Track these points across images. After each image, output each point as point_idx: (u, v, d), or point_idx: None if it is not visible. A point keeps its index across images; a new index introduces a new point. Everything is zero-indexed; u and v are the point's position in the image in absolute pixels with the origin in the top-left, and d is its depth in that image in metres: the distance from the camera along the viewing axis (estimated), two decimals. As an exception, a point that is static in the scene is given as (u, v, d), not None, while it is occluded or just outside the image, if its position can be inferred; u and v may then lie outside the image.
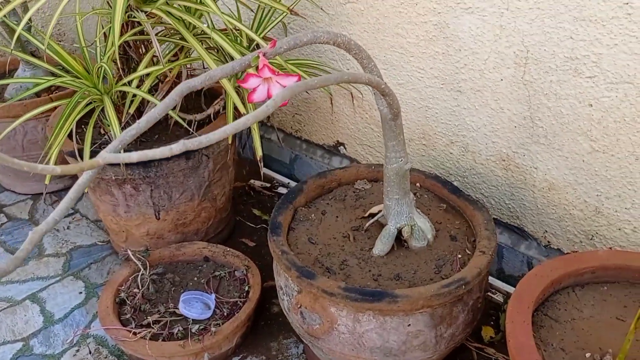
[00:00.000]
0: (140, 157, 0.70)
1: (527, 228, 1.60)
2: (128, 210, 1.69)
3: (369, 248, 1.35)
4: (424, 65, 1.61)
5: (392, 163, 1.24)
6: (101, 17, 1.49)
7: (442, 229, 1.40)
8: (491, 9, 1.39)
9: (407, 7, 1.56)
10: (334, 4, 1.74)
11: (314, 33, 1.00)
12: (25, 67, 2.14)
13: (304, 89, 0.86)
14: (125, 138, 0.88)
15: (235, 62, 0.94)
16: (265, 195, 2.20)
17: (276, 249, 1.27)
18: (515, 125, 1.48)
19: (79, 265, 1.88)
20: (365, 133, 1.90)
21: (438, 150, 1.70)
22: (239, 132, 1.59)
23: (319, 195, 1.53)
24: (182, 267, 1.69)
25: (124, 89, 1.46)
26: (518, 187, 1.56)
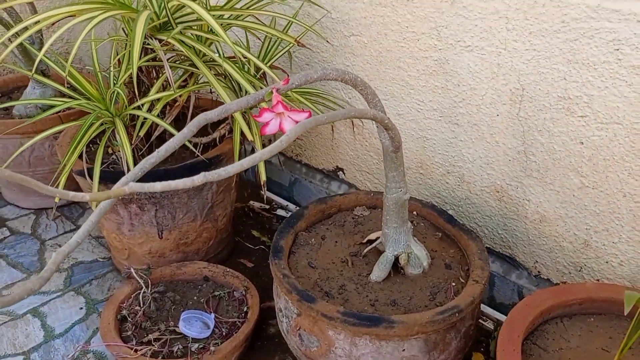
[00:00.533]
0: (164, 188, 0.75)
1: (518, 258, 1.66)
2: (132, 228, 1.73)
3: (366, 274, 1.40)
4: (423, 98, 1.67)
5: (392, 193, 1.29)
6: (116, 44, 1.55)
7: (437, 257, 1.45)
8: (489, 48, 1.46)
9: (409, 42, 1.63)
10: (338, 36, 1.81)
11: (324, 70, 1.06)
12: (35, 85, 2.19)
13: (314, 125, 0.92)
14: (146, 166, 0.94)
15: (250, 97, 0.99)
16: (264, 216, 2.25)
17: (278, 272, 1.32)
18: (510, 158, 1.55)
19: (80, 281, 1.91)
20: (365, 160, 1.95)
21: (435, 180, 1.76)
22: (242, 155, 1.64)
23: (319, 220, 1.58)
24: (183, 286, 1.73)
25: (136, 113, 1.51)
26: (511, 218, 1.62)
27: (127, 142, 1.44)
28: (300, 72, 2.01)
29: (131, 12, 1.41)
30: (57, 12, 1.41)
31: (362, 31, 1.74)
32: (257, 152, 0.80)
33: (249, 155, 0.80)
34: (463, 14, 1.48)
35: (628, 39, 1.22)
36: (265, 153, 0.82)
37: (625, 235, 1.40)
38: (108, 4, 1.43)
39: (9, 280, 1.92)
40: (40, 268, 1.97)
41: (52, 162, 2.16)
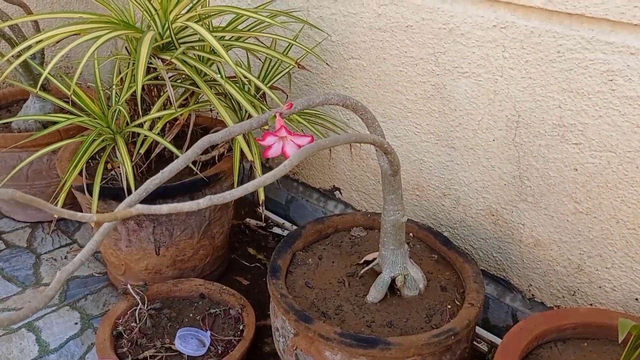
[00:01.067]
0: (170, 210, 0.77)
1: (512, 281, 1.68)
2: (129, 244, 1.74)
3: (363, 294, 1.41)
4: (420, 121, 1.70)
5: (390, 215, 1.31)
6: (119, 62, 1.57)
7: (433, 279, 1.46)
8: (486, 74, 1.49)
9: (407, 67, 1.66)
10: (338, 59, 1.84)
11: (326, 95, 1.08)
12: (35, 99, 2.21)
13: (316, 150, 0.94)
14: (150, 187, 0.95)
15: (253, 120, 1.02)
16: (260, 234, 2.26)
17: (275, 292, 1.33)
18: (505, 183, 1.57)
19: (75, 296, 1.91)
20: (361, 180, 1.98)
21: (430, 202, 1.78)
22: (240, 173, 1.66)
23: (316, 240, 1.60)
24: (179, 303, 1.74)
25: (137, 130, 1.53)
26: (505, 242, 1.64)
27: (128, 159, 1.45)
28: (299, 92, 2.04)
29: (136, 32, 1.43)
30: (62, 30, 1.43)
31: (361, 54, 1.77)
32: (262, 176, 0.82)
33: (248, 175, 0.82)
34: (461, 41, 1.51)
35: (621, 71, 1.26)
36: (269, 177, 0.83)
37: (618, 261, 1.42)
38: (113, 23, 1.45)
39: (3, 294, 1.91)
40: (35, 282, 1.97)
41: (50, 176, 2.17)
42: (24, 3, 2.04)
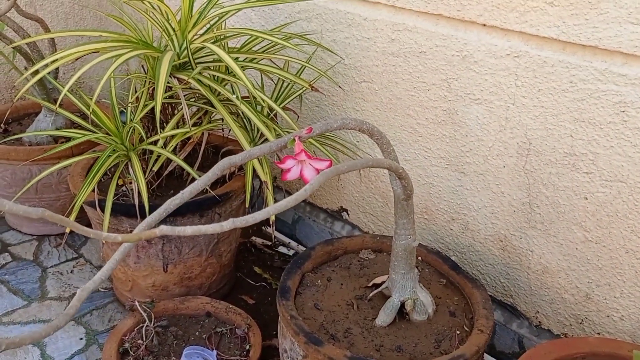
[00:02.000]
0: (194, 232, 0.77)
1: (519, 307, 1.68)
2: (138, 261, 1.75)
3: (372, 318, 1.41)
4: (430, 146, 1.71)
5: (402, 239, 1.32)
6: (135, 80, 1.59)
7: (442, 304, 1.47)
8: (498, 102, 1.51)
9: (419, 92, 1.68)
10: (349, 82, 1.86)
11: (343, 120, 1.10)
12: (47, 113, 2.22)
13: (335, 174, 0.95)
14: (170, 207, 0.96)
15: (273, 143, 1.03)
16: (266, 253, 2.26)
17: (285, 313, 1.33)
18: (514, 209, 1.58)
19: (81, 311, 1.91)
20: (370, 202, 1.99)
21: (439, 225, 1.79)
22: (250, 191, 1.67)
23: (325, 261, 1.60)
24: (185, 321, 1.73)
25: (150, 148, 1.54)
26: (513, 268, 1.65)
27: (142, 176, 1.47)
28: (309, 113, 2.06)
29: (154, 52, 1.45)
30: (82, 48, 1.45)
31: (373, 78, 1.79)
32: (284, 200, 0.83)
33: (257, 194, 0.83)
34: (474, 69, 1.53)
35: (634, 102, 1.27)
36: (290, 201, 0.84)
37: (627, 291, 1.42)
38: (132, 42, 1.47)
39: (9, 307, 1.91)
40: (41, 296, 1.97)
41: (59, 190, 2.18)
42: (40, 19, 2.07)
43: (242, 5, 1.58)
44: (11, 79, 2.56)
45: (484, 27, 1.49)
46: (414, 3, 1.60)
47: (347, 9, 1.79)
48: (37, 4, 2.54)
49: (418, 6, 1.59)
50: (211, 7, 1.56)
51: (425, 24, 1.60)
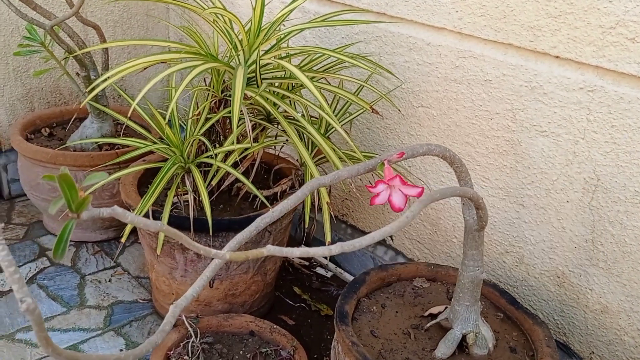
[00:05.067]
0: (302, 254, 0.75)
1: (573, 346, 1.63)
2: (185, 274, 1.72)
3: (430, 349, 1.38)
4: (489, 176, 1.69)
5: (469, 271, 1.29)
6: (197, 94, 1.59)
7: (501, 338, 1.43)
8: (567, 135, 1.48)
9: (481, 120, 1.66)
10: (406, 106, 1.85)
11: (429, 146, 1.08)
12: (94, 120, 2.22)
13: (430, 202, 0.92)
14: (260, 225, 0.94)
15: (361, 165, 1.01)
16: (303, 273, 2.23)
17: (346, 339, 1.30)
18: (576, 246, 1.55)
19: (120, 321, 1.88)
20: (417, 228, 1.96)
21: (491, 257, 1.76)
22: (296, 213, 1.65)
23: (378, 287, 1.57)
24: (228, 339, 1.70)
25: (210, 161, 1.53)
26: (570, 305, 1.61)
27: (204, 188, 1.45)
28: (359, 134, 2.04)
29: (224, 66, 1.44)
30: (151, 58, 1.45)
31: (432, 104, 1.78)
32: (388, 226, 0.81)
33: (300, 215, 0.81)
34: (542, 100, 1.51)
35: None
36: (393, 227, 0.82)
37: (695, 337, 1.38)
38: (201, 55, 1.46)
39: (48, 313, 1.89)
40: (80, 303, 1.95)
41: (102, 197, 2.17)
42: (97, 25, 2.08)
43: (308, 25, 1.58)
44: (57, 83, 2.57)
45: (557, 59, 1.47)
46: (482, 31, 1.59)
47: (409, 33, 1.78)
48: (88, 11, 2.55)
49: (487, 34, 1.58)
50: (279, 23, 1.55)
51: (493, 52, 1.59)
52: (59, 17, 1.91)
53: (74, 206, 0.60)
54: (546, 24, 1.46)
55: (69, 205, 0.60)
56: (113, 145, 2.28)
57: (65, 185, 0.59)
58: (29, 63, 2.46)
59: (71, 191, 0.59)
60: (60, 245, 0.60)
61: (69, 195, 0.60)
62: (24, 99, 2.50)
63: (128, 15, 2.69)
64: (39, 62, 2.46)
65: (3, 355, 1.71)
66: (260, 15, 1.48)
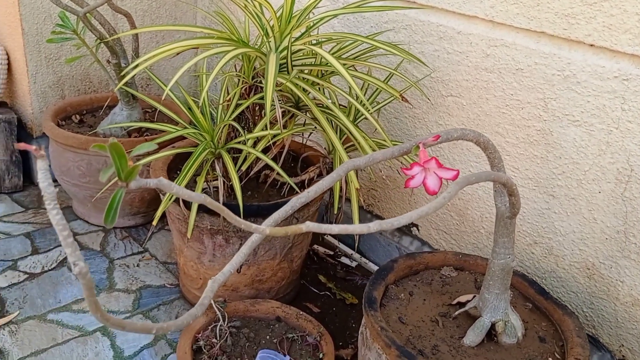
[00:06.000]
0: (340, 230, 0.76)
1: (602, 339, 1.62)
2: (213, 259, 1.74)
3: (458, 336, 1.37)
4: (519, 166, 1.67)
5: (500, 259, 1.28)
6: (227, 79, 1.60)
7: (530, 328, 1.42)
8: (600, 125, 1.47)
9: (511, 109, 1.64)
10: (435, 95, 1.84)
11: (463, 131, 1.07)
12: (124, 107, 2.25)
13: (466, 185, 0.92)
14: (296, 205, 0.95)
15: (395, 148, 1.01)
16: (328, 262, 2.24)
17: (375, 324, 1.30)
18: (607, 237, 1.53)
19: (148, 305, 1.91)
20: (443, 219, 1.95)
21: (519, 248, 1.74)
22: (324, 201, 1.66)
23: (406, 275, 1.57)
24: (255, 324, 1.72)
25: (240, 147, 1.54)
26: (599, 298, 1.59)
27: (235, 173, 1.46)
28: (386, 123, 2.04)
29: (255, 52, 1.45)
30: (184, 44, 1.46)
31: (461, 93, 1.77)
32: (425, 206, 0.81)
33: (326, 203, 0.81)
34: (576, 89, 1.49)
35: None
36: (431, 207, 0.82)
37: None
38: (233, 41, 1.47)
39: (78, 296, 1.93)
40: (109, 286, 1.98)
41: (131, 183, 2.19)
42: (128, 13, 2.10)
43: (342, 11, 1.58)
44: (87, 71, 2.60)
45: (591, 48, 1.45)
46: (515, 19, 1.58)
47: (439, 22, 1.77)
48: (118, 0, 2.58)
49: (520, 23, 1.57)
50: (310, 10, 1.56)
51: (526, 40, 1.57)
52: (91, 4, 1.93)
53: (124, 175, 0.61)
54: (581, 12, 1.44)
55: (118, 174, 0.62)
56: (141, 133, 2.31)
57: (116, 154, 0.60)
58: (61, 51, 2.50)
59: (121, 160, 0.61)
60: (110, 213, 0.62)
61: (119, 164, 0.61)
62: (55, 87, 2.54)
63: (157, 4, 2.71)
64: (70, 50, 2.50)
65: (35, 335, 1.74)
66: (292, 0, 1.49)
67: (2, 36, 2.56)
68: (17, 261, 2.06)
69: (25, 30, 2.38)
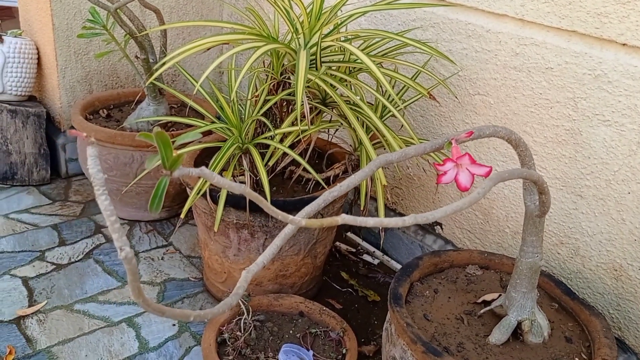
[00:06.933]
0: (375, 224, 0.76)
1: (628, 341, 1.60)
2: (238, 253, 1.76)
3: (484, 335, 1.37)
4: (546, 165, 1.66)
5: (528, 257, 1.28)
6: (256, 75, 1.61)
7: (556, 328, 1.41)
8: (631, 125, 1.45)
9: (540, 109, 1.63)
10: (462, 94, 1.84)
11: (495, 128, 1.07)
12: (150, 102, 2.28)
13: (500, 181, 0.92)
14: (328, 198, 0.96)
15: (427, 144, 1.01)
16: (350, 259, 2.24)
17: (401, 320, 1.31)
18: (636, 238, 1.51)
19: (173, 298, 1.93)
20: (468, 218, 1.94)
21: (545, 248, 1.73)
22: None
23: (431, 272, 1.57)
24: (278, 318, 1.73)
25: (267, 142, 1.55)
26: (626, 299, 1.57)
27: (263, 168, 1.47)
28: (412, 121, 2.04)
29: (285, 48, 1.46)
30: (214, 39, 1.48)
31: (489, 91, 1.76)
32: (459, 202, 0.81)
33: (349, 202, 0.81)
34: (607, 89, 1.48)
35: None
36: (465, 203, 0.83)
37: None
38: (262, 36, 1.49)
39: (104, 287, 1.95)
40: (134, 279, 2.00)
41: (156, 177, 2.22)
42: (157, 9, 2.13)
43: (372, 8, 1.58)
44: (115, 66, 2.64)
45: (624, 47, 1.44)
46: (545, 18, 1.57)
47: (468, 20, 1.77)
48: (146, -3, 2.61)
49: (550, 21, 1.56)
50: (340, 7, 1.56)
51: (556, 39, 1.56)
52: (122, 0, 1.96)
53: (169, 163, 0.63)
54: (614, 11, 1.43)
55: (163, 163, 0.63)
56: (167, 128, 2.34)
57: (162, 143, 0.62)
58: (89, 46, 2.54)
59: (166, 149, 0.62)
60: (155, 200, 0.63)
61: (164, 153, 0.62)
62: (83, 81, 2.57)
63: (184, 1, 2.74)
64: (98, 46, 2.54)
65: (62, 325, 1.77)
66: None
67: (32, 31, 2.61)
68: (44, 252, 2.10)
69: (56, 25, 2.42)
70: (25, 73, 2.50)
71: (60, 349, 1.68)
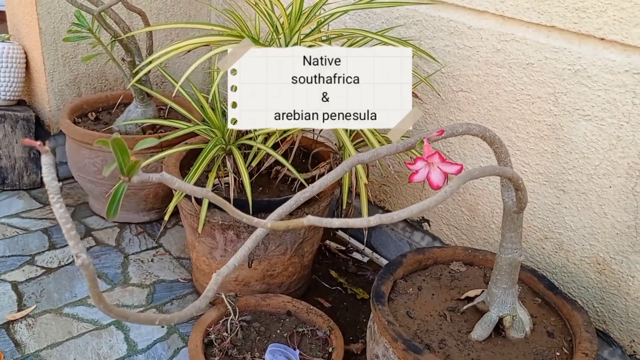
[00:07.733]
0: (341, 224, 0.77)
1: (613, 334, 1.61)
2: (224, 254, 1.76)
3: (466, 331, 1.38)
4: (529, 161, 1.67)
5: (507, 253, 1.28)
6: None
7: (538, 323, 1.42)
8: (610, 119, 1.46)
9: (522, 104, 1.64)
10: (445, 90, 1.84)
11: (468, 125, 1.08)
12: (138, 104, 2.28)
13: (469, 179, 0.93)
14: (300, 199, 0.96)
15: (400, 144, 1.02)
16: (340, 257, 2.25)
17: (382, 318, 1.31)
18: (618, 232, 1.52)
19: (162, 299, 1.94)
20: (454, 214, 1.95)
21: (530, 243, 1.74)
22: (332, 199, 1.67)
23: (415, 270, 1.58)
24: (266, 318, 1.74)
25: (250, 143, 1.56)
26: (610, 293, 1.58)
27: (245, 169, 1.48)
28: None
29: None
30: (194, 41, 1.48)
31: (472, 88, 1.76)
32: (427, 200, 0.82)
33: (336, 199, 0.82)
34: (586, 84, 1.48)
35: None
36: (432, 202, 0.83)
37: None
38: (242, 37, 1.49)
39: (94, 290, 1.96)
40: (123, 281, 2.01)
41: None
42: (142, 11, 2.13)
43: (351, 7, 1.59)
44: (103, 69, 2.64)
45: (602, 41, 1.44)
46: (525, 14, 1.57)
47: (450, 17, 1.77)
48: (133, -1, 2.61)
49: (530, 17, 1.56)
50: (320, 7, 1.57)
51: (536, 35, 1.57)
52: (106, 3, 1.96)
53: (126, 169, 0.63)
54: (592, 5, 1.43)
55: (120, 169, 0.64)
56: (156, 130, 2.34)
57: (118, 150, 0.62)
58: (77, 49, 2.54)
59: (123, 155, 0.62)
60: (112, 206, 0.64)
61: (121, 159, 0.63)
62: (71, 85, 2.58)
63: (171, 2, 2.74)
64: (86, 49, 2.54)
65: (51, 328, 1.78)
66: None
67: (20, 35, 2.61)
68: (34, 256, 2.11)
69: (43, 29, 2.42)
70: (14, 77, 2.51)
71: (48, 352, 1.69)
